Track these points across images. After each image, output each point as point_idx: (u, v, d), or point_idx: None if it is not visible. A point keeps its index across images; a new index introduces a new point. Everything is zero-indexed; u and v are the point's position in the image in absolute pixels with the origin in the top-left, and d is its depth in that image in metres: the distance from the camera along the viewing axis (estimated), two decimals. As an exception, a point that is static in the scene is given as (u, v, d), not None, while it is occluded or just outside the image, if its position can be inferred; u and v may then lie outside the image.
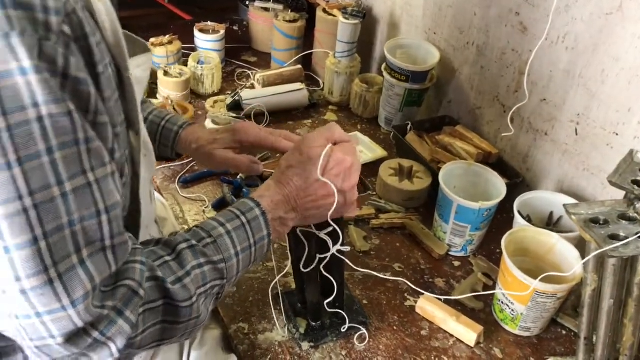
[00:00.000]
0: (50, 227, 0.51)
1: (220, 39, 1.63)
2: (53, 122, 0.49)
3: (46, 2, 0.48)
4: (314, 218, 0.79)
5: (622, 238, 0.80)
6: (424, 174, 1.26)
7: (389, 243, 1.17)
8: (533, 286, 0.91)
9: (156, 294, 0.61)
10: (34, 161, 0.49)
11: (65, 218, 0.52)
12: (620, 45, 1.01)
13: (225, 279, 0.69)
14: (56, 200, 0.51)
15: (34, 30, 0.47)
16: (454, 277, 1.11)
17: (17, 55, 0.47)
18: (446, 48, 1.44)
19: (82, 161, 0.53)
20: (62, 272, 0.52)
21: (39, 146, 0.49)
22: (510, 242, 1.00)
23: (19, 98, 0.47)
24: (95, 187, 0.54)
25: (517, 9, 1.21)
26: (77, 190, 0.52)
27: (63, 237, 0.52)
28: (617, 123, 1.06)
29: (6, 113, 0.47)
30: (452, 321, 0.98)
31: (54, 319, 0.53)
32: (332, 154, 0.76)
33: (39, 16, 0.48)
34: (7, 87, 0.47)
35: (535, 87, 1.21)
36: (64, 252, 0.52)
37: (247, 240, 0.71)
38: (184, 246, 0.66)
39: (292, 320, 0.97)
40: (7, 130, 0.47)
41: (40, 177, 0.49)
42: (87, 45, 0.53)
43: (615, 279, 0.82)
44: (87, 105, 0.53)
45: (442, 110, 1.52)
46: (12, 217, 0.49)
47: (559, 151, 1.20)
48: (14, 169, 0.48)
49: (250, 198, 0.74)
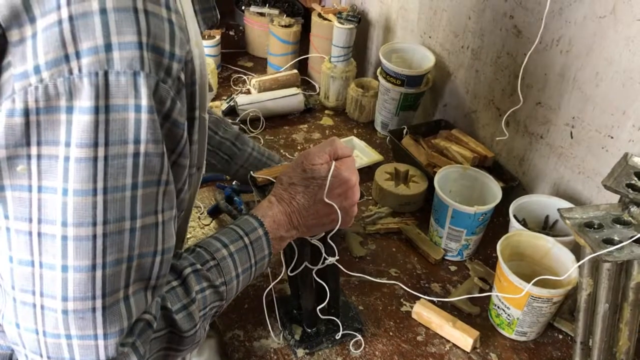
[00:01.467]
0: (111, 259, 0.52)
1: (216, 44, 1.63)
2: (146, 160, 0.51)
3: (174, 49, 0.52)
4: (313, 233, 0.80)
5: (616, 242, 0.80)
6: (420, 178, 1.26)
7: (385, 248, 1.17)
8: (526, 289, 0.91)
9: (163, 324, 0.61)
10: (118, 194, 0.51)
11: (127, 252, 0.53)
12: (614, 48, 1.01)
13: (224, 300, 0.69)
14: (124, 234, 0.52)
15: (156, 72, 0.50)
16: (450, 282, 1.11)
17: (138, 93, 0.49)
18: (441, 52, 1.44)
19: (157, 201, 0.54)
20: (108, 304, 0.53)
21: (127, 180, 0.51)
22: (506, 246, 1.00)
23: (124, 132, 0.49)
24: (160, 228, 0.56)
25: (511, 12, 1.20)
26: (145, 228, 0.54)
27: (119, 271, 0.53)
28: (612, 126, 1.06)
29: (108, 144, 0.49)
30: (448, 326, 0.98)
31: (82, 345, 0.53)
32: (337, 173, 0.75)
33: (165, 61, 0.51)
34: (117, 120, 0.49)
35: (530, 91, 1.20)
36: (116, 285, 0.53)
37: (248, 261, 0.71)
38: (189, 271, 0.66)
39: (288, 326, 0.97)
40: (104, 160, 0.49)
41: (118, 209, 0.51)
42: (193, 91, 0.57)
43: (610, 283, 0.82)
44: (175, 147, 0.56)
45: (438, 114, 1.52)
46: (81, 241, 0.50)
47: (555, 154, 1.20)
48: (97, 196, 0.50)
49: (254, 216, 0.74)
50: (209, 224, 1.19)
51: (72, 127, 0.48)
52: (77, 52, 0.47)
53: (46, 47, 0.47)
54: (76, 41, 0.47)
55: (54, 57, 0.47)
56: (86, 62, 0.47)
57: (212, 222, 1.19)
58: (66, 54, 0.47)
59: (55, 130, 0.48)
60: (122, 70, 0.48)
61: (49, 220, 0.50)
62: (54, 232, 0.50)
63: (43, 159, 0.49)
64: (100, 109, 0.48)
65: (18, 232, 0.51)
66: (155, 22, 0.50)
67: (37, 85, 0.47)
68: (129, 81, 0.48)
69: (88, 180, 0.49)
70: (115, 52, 0.48)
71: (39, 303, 0.52)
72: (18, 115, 0.48)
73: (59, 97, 0.48)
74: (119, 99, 0.49)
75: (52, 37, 0.47)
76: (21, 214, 0.50)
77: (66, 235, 0.50)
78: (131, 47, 0.48)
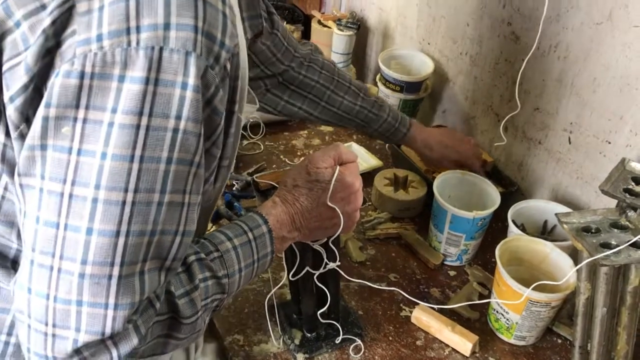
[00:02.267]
0: (135, 228, 0.54)
1: (216, 52, 1.64)
2: (184, 137, 0.54)
3: (224, 39, 0.55)
4: (315, 237, 0.80)
5: (613, 246, 0.80)
6: (419, 184, 1.27)
7: (385, 253, 1.17)
8: (525, 294, 0.91)
9: (165, 308, 0.62)
10: (153, 164, 0.53)
11: (151, 226, 0.55)
12: (611, 54, 1.02)
13: (226, 294, 0.70)
14: (152, 206, 0.54)
15: (207, 56, 0.54)
16: (450, 287, 1.11)
17: (187, 71, 0.52)
18: (440, 58, 1.45)
19: (187, 181, 0.56)
20: (125, 274, 0.54)
21: (163, 153, 0.53)
22: (504, 251, 1.00)
23: (168, 106, 0.52)
24: (185, 209, 0.57)
25: (508, 19, 1.22)
26: (172, 205, 0.56)
27: (141, 243, 0.54)
28: (610, 131, 1.06)
29: (152, 114, 0.52)
30: (447, 331, 0.98)
31: (91, 313, 0.53)
32: (341, 177, 0.76)
33: (216, 48, 0.54)
34: (164, 94, 0.52)
35: (529, 96, 1.21)
36: (135, 257, 0.54)
37: (251, 257, 0.72)
38: (193, 258, 0.66)
39: (287, 331, 0.98)
40: (145, 129, 0.52)
41: (151, 180, 0.53)
42: (235, 85, 0.61)
43: (607, 287, 0.82)
44: (211, 134, 0.59)
45: (437, 119, 1.53)
46: (110, 205, 0.52)
47: (553, 160, 1.20)
48: (134, 163, 0.52)
49: (258, 214, 0.75)
50: (210, 229, 1.20)
51: (122, 95, 0.51)
52: (138, 26, 0.51)
53: (111, 18, 0.51)
54: (139, 17, 0.51)
55: (117, 28, 0.51)
56: (145, 36, 0.51)
57: (212, 227, 1.20)
58: (128, 27, 0.51)
59: (105, 97, 0.51)
60: (176, 48, 0.51)
61: (82, 183, 0.52)
62: (86, 194, 0.52)
63: (88, 123, 0.52)
64: (151, 81, 0.51)
65: (50, 192, 0.52)
66: (211, 12, 0.53)
67: (97, 52, 0.51)
68: (181, 59, 0.52)
69: (127, 147, 0.51)
70: (172, 31, 0.51)
71: (56, 266, 0.53)
72: (74, 77, 0.51)
73: (114, 65, 0.51)
74: (169, 74, 0.52)
75: (117, 10, 0.51)
76: (57, 174, 0.52)
77: (97, 198, 0.52)
78: (187, 29, 0.52)
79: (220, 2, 0.55)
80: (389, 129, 1.19)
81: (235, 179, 1.30)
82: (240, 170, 1.34)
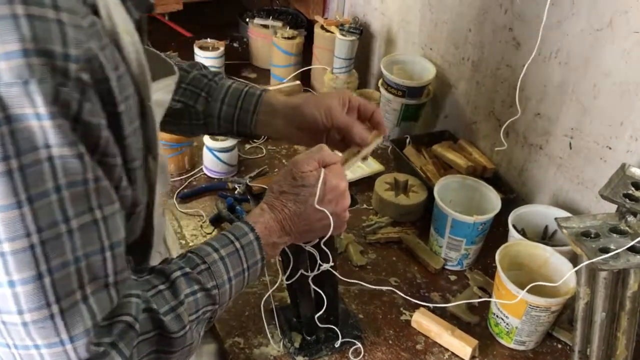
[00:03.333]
0: (55, 263, 0.52)
1: (220, 56, 1.65)
2: (63, 162, 0.50)
3: (67, 50, 0.49)
4: (307, 239, 0.81)
5: (612, 251, 0.81)
6: (419, 188, 1.27)
7: (385, 257, 1.18)
8: (520, 296, 0.91)
9: (150, 326, 0.62)
10: (43, 200, 0.50)
11: (71, 255, 0.53)
12: (611, 61, 1.03)
13: (217, 304, 0.70)
14: (62, 237, 0.52)
15: (52, 77, 0.48)
16: (450, 291, 1.11)
17: (33, 102, 0.48)
18: (442, 63, 1.46)
19: (89, 199, 0.54)
20: (65, 307, 0.53)
21: (48, 184, 0.50)
22: (505, 256, 1.01)
23: (32, 140, 0.49)
24: (101, 225, 0.55)
25: (510, 25, 1.22)
26: (84, 227, 0.53)
27: (68, 274, 0.53)
28: (610, 137, 1.07)
29: (20, 154, 0.48)
30: (447, 335, 0.99)
31: (52, 353, 0.53)
32: (327, 180, 0.76)
33: (59, 64, 0.49)
34: (21, 129, 0.48)
35: (529, 102, 1.22)
36: (68, 288, 0.53)
37: (240, 265, 0.72)
38: (178, 274, 0.66)
39: (287, 334, 0.98)
40: (19, 170, 0.48)
41: (48, 214, 0.51)
42: (107, 87, 0.55)
43: (606, 292, 0.82)
44: (95, 147, 0.54)
45: (439, 125, 1.53)
46: (19, 253, 0.50)
47: (554, 165, 1.21)
48: (23, 207, 0.49)
49: (245, 222, 0.75)
50: (212, 232, 1.20)
51: None
52: None
53: None
54: None
55: None
56: None
57: (214, 231, 1.21)
58: None
59: None
60: (11, 81, 0.47)
61: None
62: None
63: None
64: (2, 122, 0.47)
65: None
66: (40, 26, 0.48)
67: None
68: (21, 91, 0.47)
69: (10, 195, 0.49)
70: (2, 63, 0.47)
71: (0, 320, 0.52)
72: None
73: None
74: (17, 109, 0.48)
75: None
76: None
77: (4, 252, 0.50)
78: (16, 55, 0.47)
79: (50, 10, 0.49)
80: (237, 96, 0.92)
81: (237, 182, 1.31)
82: (242, 174, 1.35)
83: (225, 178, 1.34)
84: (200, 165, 1.36)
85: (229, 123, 0.93)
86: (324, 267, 0.85)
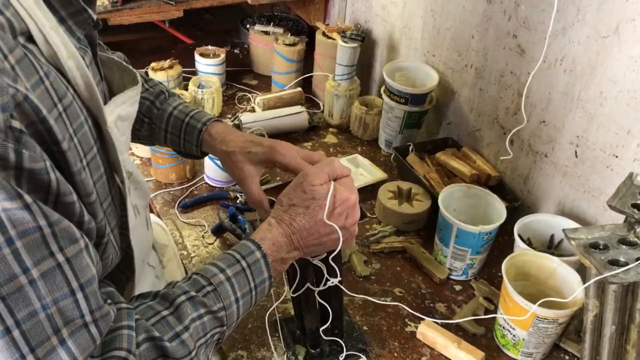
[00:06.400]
0: (22, 315, 0.50)
1: (221, 63, 1.64)
2: (8, 215, 0.48)
3: None
4: (315, 253, 0.80)
5: (622, 263, 0.79)
6: (423, 197, 1.26)
7: (390, 267, 1.16)
8: (532, 310, 0.90)
9: (154, 354, 0.61)
10: None
11: (38, 303, 0.51)
12: (618, 68, 1.01)
13: (225, 326, 0.69)
14: (24, 289, 0.50)
15: None
16: (455, 302, 1.10)
17: None
18: (445, 70, 1.45)
19: (48, 244, 0.52)
20: (41, 356, 0.52)
21: None
22: (511, 266, 0.99)
23: None
24: (66, 267, 0.53)
25: (514, 31, 1.21)
26: (46, 274, 0.52)
27: (38, 322, 0.51)
28: (617, 145, 1.05)
29: None
30: (453, 347, 0.97)
31: None
32: (336, 193, 0.75)
33: None
34: None
35: (535, 109, 1.21)
36: (42, 336, 0.52)
37: (247, 285, 0.71)
38: (183, 299, 0.65)
39: (291, 347, 0.96)
40: None
41: (4, 269, 0.49)
42: (45, 127, 0.52)
43: (616, 305, 0.81)
44: (47, 191, 0.52)
45: (442, 132, 1.52)
46: None
47: (559, 173, 1.19)
48: None
49: (251, 240, 0.73)
50: (213, 242, 1.19)
51: None
52: None
53: None
54: None
55: None
56: None
57: (216, 240, 1.19)
58: None
59: None
60: None
61: None
62: None
63: None
64: None
65: None
66: None
67: None
68: None
69: None
70: None
71: None
72: None
73: None
74: None
75: None
76: None
77: None
78: None
79: None
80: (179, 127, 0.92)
81: (239, 191, 1.29)
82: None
83: (227, 187, 1.32)
84: (202, 174, 1.35)
85: (177, 147, 0.94)
86: (331, 283, 0.83)
